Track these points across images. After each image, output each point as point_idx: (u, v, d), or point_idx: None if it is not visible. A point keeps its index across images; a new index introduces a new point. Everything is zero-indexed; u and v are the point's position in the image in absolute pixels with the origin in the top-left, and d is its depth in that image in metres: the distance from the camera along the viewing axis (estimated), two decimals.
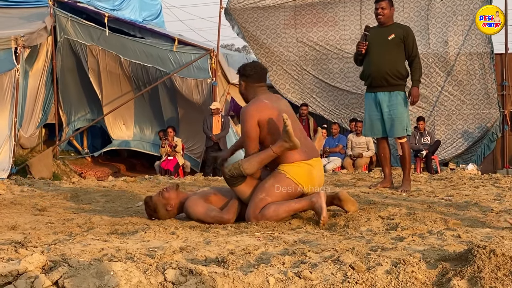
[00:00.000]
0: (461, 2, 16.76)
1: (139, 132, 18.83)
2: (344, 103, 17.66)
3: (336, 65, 17.64)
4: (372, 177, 10.57)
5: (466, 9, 16.75)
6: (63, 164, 17.44)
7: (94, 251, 4.10)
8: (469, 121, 16.78)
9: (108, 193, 8.35)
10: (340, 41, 17.67)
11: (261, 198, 5.60)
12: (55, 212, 6.53)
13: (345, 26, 17.72)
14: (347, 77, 17.62)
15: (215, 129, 16.45)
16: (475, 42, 16.64)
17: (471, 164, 16.10)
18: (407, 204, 6.51)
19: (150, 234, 4.80)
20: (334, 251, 4.03)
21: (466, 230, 4.87)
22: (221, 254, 3.94)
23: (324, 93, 17.77)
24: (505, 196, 7.12)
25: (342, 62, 17.66)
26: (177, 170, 16.62)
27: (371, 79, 8.52)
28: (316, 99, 17.75)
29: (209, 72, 16.99)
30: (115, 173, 18.02)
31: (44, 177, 14.06)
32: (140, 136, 18.81)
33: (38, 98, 17.06)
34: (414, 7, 17.18)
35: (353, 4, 17.72)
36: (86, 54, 17.58)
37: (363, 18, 17.51)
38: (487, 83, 16.59)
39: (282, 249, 4.24)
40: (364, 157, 16.37)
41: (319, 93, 17.79)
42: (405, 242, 4.39)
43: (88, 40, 17.44)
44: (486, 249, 3.45)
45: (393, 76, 8.29)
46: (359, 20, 17.59)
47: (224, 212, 5.63)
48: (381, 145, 8.82)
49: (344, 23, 17.74)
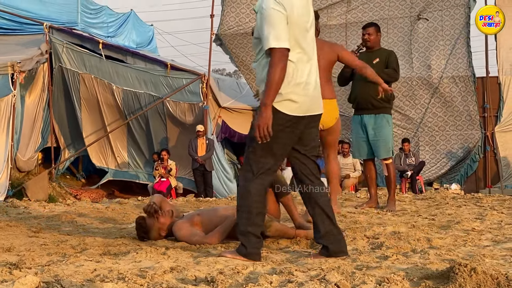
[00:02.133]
0: (442, 27, 16.88)
1: (132, 162, 18.70)
2: None
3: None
4: (358, 197, 10.58)
5: (448, 35, 16.87)
6: (58, 186, 17.39)
7: (87, 272, 4.08)
8: (452, 141, 16.86)
9: (102, 214, 8.32)
10: None
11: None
12: (50, 233, 6.50)
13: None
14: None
15: (200, 151, 16.57)
16: (457, 66, 16.74)
17: (454, 184, 16.14)
18: (392, 223, 6.51)
19: (141, 255, 4.79)
20: (320, 270, 4.02)
21: (449, 248, 4.88)
22: (211, 274, 3.93)
23: None
24: (487, 215, 7.13)
25: None
26: (170, 191, 16.61)
27: (357, 102, 8.60)
28: None
29: (201, 96, 17.04)
30: (109, 195, 17.97)
31: (40, 199, 14.00)
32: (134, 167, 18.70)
33: (36, 122, 17.05)
34: (398, 33, 17.29)
35: (338, 29, 17.81)
36: (78, 82, 17.54)
37: (349, 43, 17.59)
38: (469, 105, 16.67)
39: (270, 268, 4.23)
40: (351, 178, 16.39)
41: None
42: (389, 261, 4.39)
43: (81, 68, 17.42)
44: (467, 267, 3.46)
45: (377, 99, 8.32)
46: (344, 45, 17.67)
47: (207, 237, 5.58)
48: (367, 166, 8.86)
49: None
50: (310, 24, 4.68)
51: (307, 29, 4.63)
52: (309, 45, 4.63)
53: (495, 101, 16.93)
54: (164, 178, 16.77)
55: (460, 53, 16.74)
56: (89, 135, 18.19)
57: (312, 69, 4.65)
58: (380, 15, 17.50)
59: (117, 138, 18.33)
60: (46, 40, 17.13)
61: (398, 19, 17.25)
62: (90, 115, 18.08)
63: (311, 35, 4.68)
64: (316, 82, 4.68)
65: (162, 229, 5.86)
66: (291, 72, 4.49)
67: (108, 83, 17.50)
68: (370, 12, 17.60)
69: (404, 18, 17.17)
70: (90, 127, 18.22)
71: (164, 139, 18.08)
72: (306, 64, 4.59)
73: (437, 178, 16.84)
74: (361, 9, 17.64)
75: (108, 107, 17.97)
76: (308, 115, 4.63)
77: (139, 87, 17.41)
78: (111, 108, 18.01)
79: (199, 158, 16.39)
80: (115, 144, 18.40)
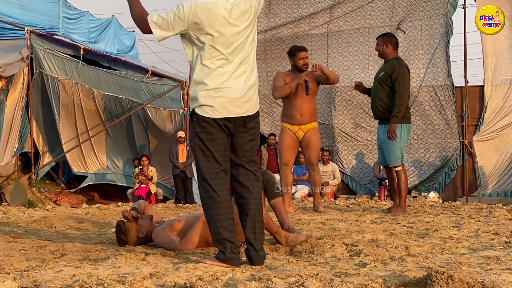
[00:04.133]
0: (422, 37, 16.95)
1: (111, 165, 18.63)
2: None
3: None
4: (337, 204, 10.60)
5: (427, 44, 16.94)
6: (38, 192, 17.28)
7: (66, 278, 4.07)
8: (430, 150, 16.91)
9: (81, 220, 8.29)
10: None
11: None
12: (28, 239, 6.47)
13: (312, 60, 17.82)
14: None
15: (181, 157, 16.59)
16: (436, 75, 16.81)
17: (432, 192, 16.19)
18: (370, 231, 6.53)
19: (121, 260, 4.78)
20: (299, 277, 4.03)
21: (426, 256, 4.90)
22: (190, 280, 3.93)
23: None
24: (464, 223, 7.17)
25: None
26: (149, 197, 16.57)
27: (372, 112, 8.96)
28: None
29: (181, 103, 17.03)
30: (89, 200, 17.88)
31: (19, 204, 13.91)
32: (113, 169, 18.63)
33: (13, 127, 16.92)
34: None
35: (320, 38, 17.85)
36: (58, 88, 17.44)
37: (330, 51, 17.66)
38: (448, 114, 16.73)
39: (249, 275, 4.24)
40: (330, 185, 16.41)
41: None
42: (368, 268, 4.41)
43: (62, 74, 17.33)
44: (444, 274, 3.48)
45: (382, 110, 8.66)
46: (325, 53, 17.73)
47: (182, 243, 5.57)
48: (387, 172, 9.17)
49: (311, 57, 17.85)
50: (242, 34, 4.75)
51: (235, 38, 4.71)
52: (236, 53, 4.71)
53: (474, 110, 17.00)
54: (143, 184, 16.75)
55: (439, 62, 16.81)
56: (68, 140, 18.08)
57: (238, 74, 4.73)
58: (361, 24, 17.57)
59: (97, 142, 18.24)
60: (27, 45, 17.03)
61: (378, 28, 17.28)
62: (70, 121, 17.94)
63: (242, 44, 4.75)
64: (244, 86, 4.74)
65: (140, 231, 5.85)
66: (204, 77, 4.68)
67: (89, 88, 17.44)
68: (352, 21, 17.65)
69: (385, 27, 17.21)
70: (70, 133, 18.09)
71: (145, 145, 18.04)
72: (228, 69, 4.68)
73: (415, 186, 16.89)
74: (343, 18, 17.69)
75: (88, 113, 17.89)
76: (232, 116, 4.69)
77: (120, 93, 17.36)
78: (92, 114, 17.92)
79: (180, 165, 16.40)
80: (95, 148, 18.32)
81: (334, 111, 17.50)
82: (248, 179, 4.86)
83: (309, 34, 17.90)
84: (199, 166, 4.78)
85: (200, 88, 4.68)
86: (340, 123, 17.45)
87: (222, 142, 4.72)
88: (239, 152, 4.83)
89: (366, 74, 17.23)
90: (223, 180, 4.77)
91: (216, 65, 4.66)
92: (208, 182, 4.72)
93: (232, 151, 4.82)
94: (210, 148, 4.70)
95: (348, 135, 17.41)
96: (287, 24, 17.89)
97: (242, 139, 4.80)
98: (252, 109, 4.82)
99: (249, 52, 4.80)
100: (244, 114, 4.74)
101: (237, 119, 4.72)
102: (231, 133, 4.75)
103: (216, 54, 4.66)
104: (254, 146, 4.89)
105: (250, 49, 4.81)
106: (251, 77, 4.81)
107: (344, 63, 17.62)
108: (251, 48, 4.83)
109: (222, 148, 4.74)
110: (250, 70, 4.81)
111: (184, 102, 16.92)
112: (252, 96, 4.81)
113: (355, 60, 17.59)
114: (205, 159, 4.73)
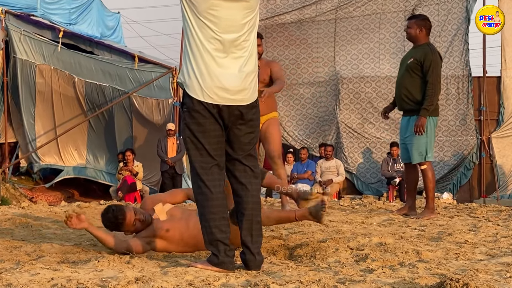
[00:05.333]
0: (439, 23, 16.92)
1: (92, 159, 18.57)
2: (316, 131, 17.67)
3: (307, 90, 17.63)
4: (341, 205, 10.60)
5: (444, 30, 16.92)
6: (12, 188, 17.26)
7: (43, 281, 4.07)
8: (445, 148, 16.89)
9: (60, 219, 8.27)
10: (312, 64, 17.70)
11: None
12: (2, 239, 6.47)
13: (318, 48, 17.81)
14: (319, 102, 17.65)
15: (170, 151, 16.49)
16: (453, 65, 16.79)
17: (446, 193, 16.19)
18: (378, 234, 6.54)
19: (103, 263, 4.77)
20: (299, 283, 4.03)
21: (439, 262, 4.91)
22: (179, 285, 3.93)
23: (294, 122, 17.76)
24: (481, 227, 7.17)
25: (313, 86, 17.71)
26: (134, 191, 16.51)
27: (396, 102, 8.93)
28: (285, 128, 17.65)
29: (171, 92, 17.00)
30: (68, 198, 17.85)
31: None
32: (94, 164, 18.56)
33: None
34: (391, 28, 17.35)
35: (327, 25, 17.79)
36: (34, 74, 17.40)
37: (337, 39, 17.63)
38: (464, 108, 16.72)
39: (244, 280, 4.24)
40: (334, 184, 16.37)
41: (288, 122, 17.76)
42: (375, 275, 4.41)
43: (39, 59, 17.29)
44: (459, 282, 3.48)
45: (407, 100, 8.61)
46: (333, 42, 17.69)
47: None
48: (405, 170, 9.26)
49: (317, 45, 17.82)
50: (239, 14, 4.75)
51: (231, 18, 4.72)
52: (232, 44, 4.71)
53: (492, 103, 17.00)
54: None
55: (457, 51, 16.79)
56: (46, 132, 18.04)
57: (231, 62, 4.74)
58: (372, 10, 17.54)
59: (77, 134, 18.17)
60: (1, 26, 17.01)
61: (391, 13, 17.29)
62: (47, 110, 17.89)
63: (239, 26, 4.75)
64: (240, 73, 4.75)
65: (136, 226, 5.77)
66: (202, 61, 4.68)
67: (69, 75, 17.41)
68: (362, 6, 17.61)
69: (398, 12, 17.22)
70: (47, 123, 18.04)
71: (130, 138, 17.98)
72: (221, 51, 4.70)
73: None
74: (353, 3, 17.64)
75: (68, 101, 17.84)
76: (224, 104, 4.68)
77: (103, 80, 17.34)
78: (72, 102, 17.88)
79: (169, 160, 16.30)
80: (74, 140, 18.25)
81: (340, 104, 17.43)
82: (246, 175, 4.86)
83: (316, 21, 17.83)
84: (191, 160, 4.78)
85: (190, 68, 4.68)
86: (346, 118, 17.41)
87: (215, 134, 4.71)
88: (236, 146, 4.82)
89: (376, 65, 17.21)
90: (217, 176, 4.77)
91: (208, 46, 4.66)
92: (201, 178, 4.72)
93: (228, 144, 4.82)
94: (202, 141, 4.70)
95: (354, 131, 17.36)
96: (291, 10, 17.80)
97: (239, 131, 4.79)
98: (248, 98, 4.81)
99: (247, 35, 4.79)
100: (238, 103, 4.74)
101: (231, 109, 4.71)
102: (226, 125, 4.74)
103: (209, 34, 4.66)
104: (253, 140, 4.89)
105: (249, 32, 4.80)
106: (248, 63, 4.81)
107: (353, 51, 17.58)
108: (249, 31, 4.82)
109: (215, 141, 4.73)
110: (247, 56, 4.80)
111: (174, 91, 16.88)
112: (249, 84, 4.80)
113: (365, 48, 17.54)
114: (197, 152, 4.73)
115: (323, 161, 16.64)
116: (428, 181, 8.67)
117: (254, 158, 4.93)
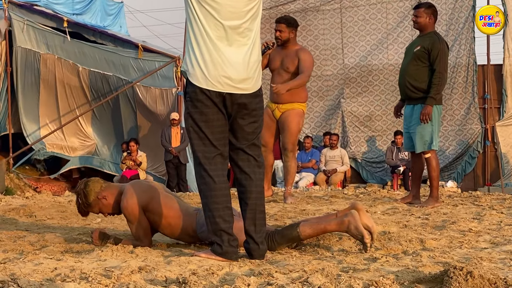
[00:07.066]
0: (446, 11, 16.83)
1: (97, 148, 18.55)
2: (322, 125, 17.61)
3: (314, 83, 17.50)
4: (346, 194, 10.59)
5: (452, 19, 16.82)
6: (16, 178, 17.28)
7: (46, 271, 4.07)
8: (449, 137, 16.85)
9: (64, 209, 8.29)
10: (319, 56, 17.59)
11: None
12: (6, 229, 6.48)
13: (325, 40, 17.70)
14: (325, 95, 17.58)
15: (174, 141, 16.45)
16: (459, 53, 16.71)
17: (450, 181, 16.16)
18: (382, 222, 6.53)
19: (107, 253, 4.78)
20: (303, 272, 4.02)
21: (443, 250, 4.90)
22: (183, 275, 3.92)
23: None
24: (485, 215, 7.16)
25: (321, 80, 17.63)
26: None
27: (400, 91, 8.89)
28: None
29: (175, 81, 16.98)
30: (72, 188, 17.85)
31: None
32: (99, 153, 18.55)
33: None
34: (397, 17, 17.25)
35: (332, 15, 17.68)
36: (39, 64, 17.39)
37: (344, 31, 17.53)
38: (469, 97, 16.67)
39: (247, 269, 4.23)
40: (338, 173, 16.36)
41: None
42: (379, 263, 4.41)
43: (43, 48, 17.29)
44: (463, 270, 3.47)
45: (412, 89, 8.54)
46: (340, 33, 17.59)
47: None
48: (412, 158, 9.19)
49: (324, 37, 17.72)
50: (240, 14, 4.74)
51: (235, 16, 4.70)
52: (235, 31, 4.70)
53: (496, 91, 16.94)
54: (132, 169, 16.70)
55: (464, 39, 16.71)
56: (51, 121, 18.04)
57: (235, 50, 4.72)
58: None
59: (82, 123, 18.18)
60: (5, 16, 16.99)
61: (398, 2, 17.21)
62: (51, 100, 17.90)
63: (239, 22, 4.72)
64: (244, 62, 4.74)
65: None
66: (206, 49, 4.67)
67: (73, 64, 17.41)
68: None
69: (405, 1, 17.15)
70: (52, 113, 18.05)
71: (134, 128, 17.97)
72: (225, 43, 4.68)
73: None
74: None
75: (73, 90, 17.85)
76: (227, 93, 4.67)
77: (107, 70, 17.33)
78: (77, 92, 17.90)
79: (173, 149, 16.28)
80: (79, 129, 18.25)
81: (347, 96, 17.37)
82: (249, 165, 4.85)
83: (320, 10, 17.72)
84: (194, 150, 4.77)
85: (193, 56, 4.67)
86: (353, 111, 17.34)
87: (218, 124, 4.70)
88: (239, 135, 4.82)
89: (384, 55, 17.15)
90: (220, 165, 4.76)
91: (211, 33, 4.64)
92: (204, 167, 4.71)
93: (232, 133, 4.81)
94: (205, 130, 4.70)
95: (361, 123, 17.30)
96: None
97: (243, 120, 4.78)
98: (252, 87, 4.80)
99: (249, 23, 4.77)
100: (242, 92, 4.73)
101: (234, 97, 4.70)
102: (229, 114, 4.73)
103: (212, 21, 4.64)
104: (257, 129, 4.87)
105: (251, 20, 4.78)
106: (252, 52, 4.79)
107: (361, 43, 17.46)
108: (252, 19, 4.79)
109: (219, 130, 4.72)
110: (250, 44, 4.78)
111: (178, 81, 16.85)
112: (253, 73, 4.79)
113: (373, 39, 17.43)
114: (200, 142, 4.72)
115: (327, 150, 16.61)
116: (432, 170, 8.67)
117: (258, 148, 4.91)
